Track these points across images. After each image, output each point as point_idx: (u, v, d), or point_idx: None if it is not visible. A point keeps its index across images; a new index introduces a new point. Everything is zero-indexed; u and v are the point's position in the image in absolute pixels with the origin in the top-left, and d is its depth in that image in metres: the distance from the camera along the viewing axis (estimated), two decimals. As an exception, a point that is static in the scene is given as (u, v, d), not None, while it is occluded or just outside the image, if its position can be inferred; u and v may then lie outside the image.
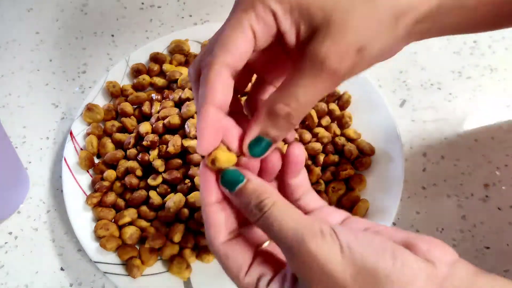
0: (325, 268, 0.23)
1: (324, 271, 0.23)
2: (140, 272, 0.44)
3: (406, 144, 0.53)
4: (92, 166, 0.50)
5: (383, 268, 0.23)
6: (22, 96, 0.58)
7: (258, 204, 0.25)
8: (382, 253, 0.23)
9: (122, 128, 0.52)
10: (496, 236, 0.47)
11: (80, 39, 0.63)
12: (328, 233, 0.24)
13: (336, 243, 0.23)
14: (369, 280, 0.23)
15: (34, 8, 0.66)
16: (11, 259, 0.47)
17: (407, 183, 0.49)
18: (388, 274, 0.23)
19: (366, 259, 0.23)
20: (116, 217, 0.46)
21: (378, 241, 0.24)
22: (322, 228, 0.24)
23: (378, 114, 0.51)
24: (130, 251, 0.44)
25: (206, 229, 0.27)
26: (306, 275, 0.24)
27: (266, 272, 0.26)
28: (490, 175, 0.50)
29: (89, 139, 0.50)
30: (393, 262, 0.23)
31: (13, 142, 0.53)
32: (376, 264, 0.23)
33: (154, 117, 0.49)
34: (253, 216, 0.26)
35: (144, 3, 0.66)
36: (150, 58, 0.57)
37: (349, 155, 0.48)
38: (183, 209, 0.45)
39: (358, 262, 0.23)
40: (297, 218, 0.25)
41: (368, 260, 0.23)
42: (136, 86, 0.55)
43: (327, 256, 0.23)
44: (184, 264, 0.43)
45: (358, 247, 0.23)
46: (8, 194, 0.48)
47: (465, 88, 0.57)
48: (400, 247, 0.24)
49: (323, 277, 0.23)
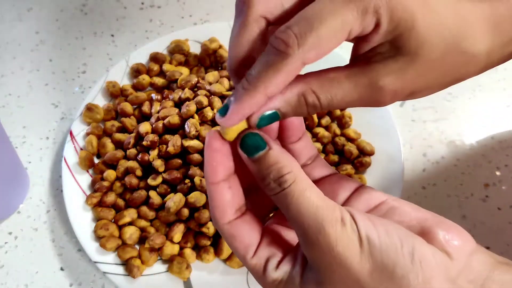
0: (343, 261, 0.22)
1: (342, 263, 0.22)
2: (140, 272, 0.44)
3: (406, 144, 0.53)
4: (92, 166, 0.50)
5: (400, 267, 0.22)
6: (22, 96, 0.58)
7: (278, 179, 0.24)
8: (400, 248, 0.22)
9: (122, 128, 0.52)
10: (496, 236, 0.47)
11: (80, 39, 0.63)
12: (348, 222, 0.23)
13: (355, 234, 0.22)
14: (385, 279, 0.22)
15: (34, 8, 0.66)
16: (11, 259, 0.47)
17: (408, 183, 0.49)
18: (404, 275, 0.22)
19: (384, 256, 0.22)
20: (116, 217, 0.46)
21: (396, 234, 0.23)
22: (343, 216, 0.23)
23: (378, 114, 0.51)
24: (130, 251, 0.44)
25: (211, 209, 0.26)
26: (321, 264, 0.23)
27: (275, 253, 0.25)
28: (490, 175, 0.50)
29: (89, 139, 0.50)
30: (410, 260, 0.22)
31: (13, 142, 0.53)
32: (394, 262, 0.22)
33: (154, 117, 0.49)
34: (270, 190, 0.24)
35: (144, 3, 0.66)
36: (150, 58, 0.57)
37: (349, 155, 0.48)
38: (183, 209, 0.45)
39: (377, 258, 0.22)
40: (317, 202, 0.23)
41: (386, 257, 0.22)
42: (136, 86, 0.55)
43: (346, 248, 0.22)
44: (184, 264, 0.43)
45: (377, 240, 0.22)
46: (8, 194, 0.48)
47: (465, 88, 0.57)
48: (417, 238, 0.23)
49: (339, 269, 0.23)
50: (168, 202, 0.45)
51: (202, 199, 0.45)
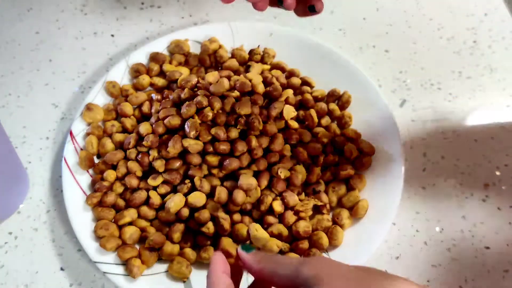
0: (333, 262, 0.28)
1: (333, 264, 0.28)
2: (140, 272, 0.44)
3: (406, 144, 0.53)
4: (92, 166, 0.50)
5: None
6: (22, 96, 0.58)
7: None
8: None
9: (122, 128, 0.52)
10: (496, 236, 0.47)
11: (80, 39, 0.63)
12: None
13: None
14: None
15: (34, 8, 0.66)
16: (11, 259, 0.47)
17: (407, 183, 0.49)
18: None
19: None
20: (116, 217, 0.46)
21: None
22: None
23: (378, 114, 0.51)
24: (130, 251, 0.44)
25: None
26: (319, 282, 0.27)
27: None
28: (490, 175, 0.50)
29: (89, 139, 0.50)
30: None
31: (13, 142, 0.53)
32: None
33: (154, 117, 0.49)
34: None
35: (144, 3, 0.66)
36: (150, 58, 0.57)
37: (349, 155, 0.48)
38: (183, 209, 0.45)
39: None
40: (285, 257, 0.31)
41: None
42: (136, 86, 0.55)
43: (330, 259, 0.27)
44: (184, 264, 0.43)
45: None
46: (8, 194, 0.48)
47: (465, 88, 0.57)
48: None
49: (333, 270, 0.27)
50: (168, 202, 0.45)
51: (202, 199, 0.45)
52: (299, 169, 0.47)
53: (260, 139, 0.47)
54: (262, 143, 0.47)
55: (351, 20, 0.64)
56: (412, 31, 0.62)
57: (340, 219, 0.46)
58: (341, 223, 0.45)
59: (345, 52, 0.58)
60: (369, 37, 0.62)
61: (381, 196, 0.46)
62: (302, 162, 0.48)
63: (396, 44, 0.61)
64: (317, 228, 0.45)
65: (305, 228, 0.45)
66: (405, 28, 0.63)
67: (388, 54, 0.60)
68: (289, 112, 0.49)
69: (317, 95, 0.53)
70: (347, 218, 0.46)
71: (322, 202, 0.46)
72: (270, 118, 0.48)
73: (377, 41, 0.61)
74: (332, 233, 0.45)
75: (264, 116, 0.48)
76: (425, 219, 0.48)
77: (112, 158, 0.49)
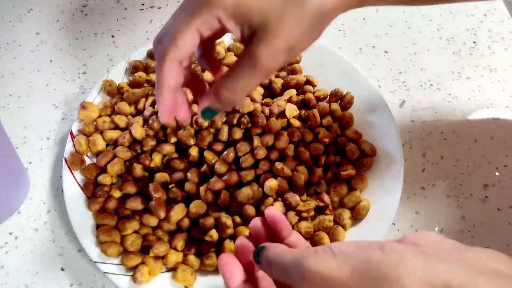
0: (326, 276, 0.26)
1: (326, 278, 0.26)
2: (147, 280, 0.43)
3: (406, 144, 0.53)
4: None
5: (374, 258, 0.25)
6: (23, 97, 0.58)
7: None
8: (370, 247, 0.26)
9: (113, 125, 0.51)
10: (496, 236, 0.47)
11: (80, 39, 0.63)
12: (321, 249, 0.27)
13: (328, 252, 0.27)
14: (365, 272, 0.25)
15: (34, 9, 0.66)
16: (11, 259, 0.47)
17: (407, 183, 0.49)
18: (379, 261, 0.25)
19: (357, 256, 0.26)
20: (119, 226, 0.46)
21: (365, 242, 0.27)
22: (315, 249, 0.28)
23: (378, 115, 0.51)
24: (134, 258, 0.44)
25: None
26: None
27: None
28: (489, 176, 0.51)
29: (77, 139, 0.50)
30: (381, 251, 0.25)
31: (14, 143, 0.53)
32: (367, 257, 0.25)
33: (148, 111, 0.49)
34: None
35: (144, 4, 0.66)
36: (147, 55, 0.57)
37: (351, 156, 0.48)
38: (184, 219, 0.45)
39: (351, 260, 0.26)
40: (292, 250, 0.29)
41: (359, 256, 0.26)
42: (133, 83, 0.54)
43: (325, 265, 0.26)
44: (188, 271, 0.43)
45: (348, 249, 0.26)
46: (9, 195, 0.48)
47: (465, 88, 0.57)
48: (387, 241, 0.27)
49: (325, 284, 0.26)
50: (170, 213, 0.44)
51: (203, 208, 0.45)
52: (301, 170, 0.47)
53: (264, 137, 0.47)
54: (267, 141, 0.47)
55: (351, 21, 0.64)
56: (411, 31, 0.63)
57: (341, 219, 0.45)
58: (343, 223, 0.45)
59: (345, 52, 0.58)
60: (369, 37, 0.62)
61: (380, 196, 0.46)
62: (304, 163, 0.48)
63: (395, 45, 0.61)
64: (319, 229, 0.45)
65: (307, 229, 0.44)
66: (404, 29, 0.63)
67: (388, 54, 0.60)
68: (291, 111, 0.49)
69: (320, 95, 0.52)
70: (348, 219, 0.46)
71: (324, 202, 0.46)
72: (272, 115, 0.48)
73: (376, 42, 0.61)
74: (334, 233, 0.45)
75: (266, 114, 0.48)
76: (424, 219, 0.48)
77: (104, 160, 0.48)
